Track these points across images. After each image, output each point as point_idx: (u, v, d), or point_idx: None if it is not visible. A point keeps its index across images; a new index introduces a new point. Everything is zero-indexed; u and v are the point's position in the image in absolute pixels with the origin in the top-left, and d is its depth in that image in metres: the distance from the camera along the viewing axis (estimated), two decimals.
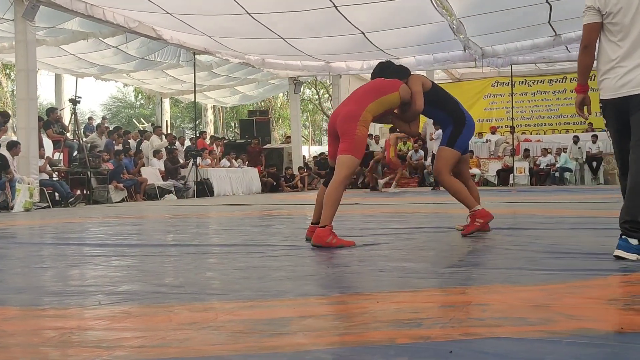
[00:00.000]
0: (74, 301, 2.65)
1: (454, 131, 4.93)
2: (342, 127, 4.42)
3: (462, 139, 4.96)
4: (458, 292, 2.67)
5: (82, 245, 5.10)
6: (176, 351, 1.84)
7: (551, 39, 15.58)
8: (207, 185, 16.19)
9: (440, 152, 4.99)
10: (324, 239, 4.28)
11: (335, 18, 12.75)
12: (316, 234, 4.33)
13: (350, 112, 4.44)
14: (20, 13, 11.40)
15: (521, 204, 9.30)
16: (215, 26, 13.93)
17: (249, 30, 13.81)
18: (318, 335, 1.99)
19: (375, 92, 4.55)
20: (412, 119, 4.89)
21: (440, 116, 5.04)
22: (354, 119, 4.39)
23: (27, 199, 10.85)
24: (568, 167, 19.63)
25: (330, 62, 17.34)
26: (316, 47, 15.49)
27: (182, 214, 8.95)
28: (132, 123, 35.01)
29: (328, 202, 4.33)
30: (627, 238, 3.44)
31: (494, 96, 25.61)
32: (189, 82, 19.87)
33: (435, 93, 4.97)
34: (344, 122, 4.42)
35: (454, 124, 4.95)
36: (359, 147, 4.40)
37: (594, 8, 3.59)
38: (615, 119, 3.62)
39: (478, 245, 4.34)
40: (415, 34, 14.41)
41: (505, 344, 1.83)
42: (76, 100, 13.67)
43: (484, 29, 14.68)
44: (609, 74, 3.58)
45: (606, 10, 3.55)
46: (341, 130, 4.42)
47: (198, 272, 3.39)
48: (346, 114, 4.44)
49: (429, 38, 14.78)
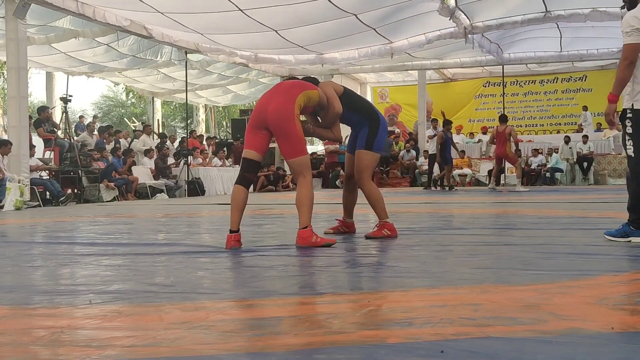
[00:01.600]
0: (64, 300, 2.64)
1: (370, 133, 4.89)
2: (281, 127, 4.36)
3: (379, 140, 4.92)
4: (449, 291, 2.67)
5: (72, 244, 5.09)
6: (167, 350, 1.84)
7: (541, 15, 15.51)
8: (198, 185, 16.16)
9: (360, 155, 4.89)
10: (308, 240, 4.30)
11: (325, 6, 12.68)
12: (299, 236, 4.35)
13: (283, 108, 4.36)
14: (11, 11, 11.34)
15: (512, 204, 9.33)
16: (206, 23, 13.87)
17: (241, 25, 13.74)
18: (309, 334, 1.99)
19: (299, 87, 4.53)
20: (332, 123, 4.84)
21: (355, 119, 4.95)
22: (289, 118, 4.34)
23: (17, 198, 10.80)
24: (559, 167, 19.69)
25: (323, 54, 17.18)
26: (308, 37, 15.30)
27: (174, 213, 8.94)
28: (123, 122, 34.90)
29: (305, 204, 4.35)
30: None
31: (486, 96, 25.67)
32: (180, 80, 19.82)
33: (348, 96, 4.93)
34: (280, 120, 4.35)
35: (370, 126, 4.90)
36: (303, 144, 4.46)
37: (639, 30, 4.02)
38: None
39: (469, 245, 4.35)
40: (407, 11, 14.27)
41: (496, 343, 1.83)
42: (67, 98, 13.62)
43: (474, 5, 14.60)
44: None
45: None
46: (278, 130, 4.38)
47: (189, 272, 3.39)
48: (279, 110, 4.36)
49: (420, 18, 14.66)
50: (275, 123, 4.37)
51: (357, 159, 4.91)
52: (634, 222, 4.21)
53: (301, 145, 4.44)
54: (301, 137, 4.44)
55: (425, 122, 22.68)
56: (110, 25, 13.58)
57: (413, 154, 21.58)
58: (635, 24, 4.02)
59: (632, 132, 4.13)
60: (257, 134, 4.47)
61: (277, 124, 4.36)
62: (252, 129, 4.49)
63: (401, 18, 14.66)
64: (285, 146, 4.42)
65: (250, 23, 13.57)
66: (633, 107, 4.13)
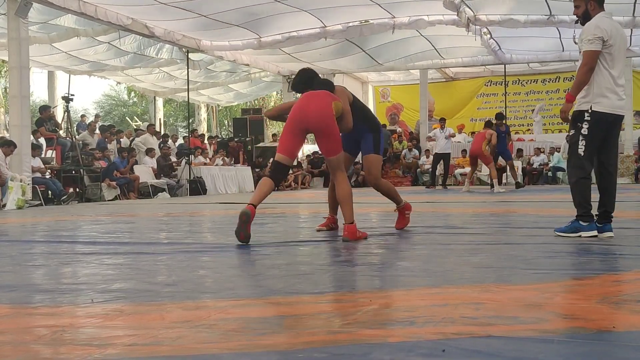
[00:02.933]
0: (66, 299, 2.64)
1: (375, 139, 5.21)
2: (324, 126, 4.66)
3: (382, 143, 5.31)
4: (451, 290, 2.67)
5: (74, 243, 5.09)
6: (168, 349, 1.84)
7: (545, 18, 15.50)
8: (200, 184, 16.16)
9: (371, 158, 5.25)
10: (356, 234, 4.60)
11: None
12: (347, 230, 4.60)
13: (325, 109, 4.67)
14: (13, 10, 11.35)
15: (514, 204, 9.32)
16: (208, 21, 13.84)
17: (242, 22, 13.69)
18: (311, 333, 1.99)
19: (331, 97, 4.80)
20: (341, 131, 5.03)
21: (360, 125, 5.17)
22: (331, 117, 4.67)
23: (19, 197, 10.81)
24: (561, 166, 19.68)
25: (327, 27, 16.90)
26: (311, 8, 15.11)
27: (175, 212, 8.94)
28: (125, 121, 34.90)
29: (347, 201, 4.68)
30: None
31: (487, 95, 25.65)
32: (182, 79, 19.82)
33: (356, 105, 5.17)
34: (323, 119, 4.65)
35: (374, 132, 5.22)
36: (341, 143, 4.78)
37: (602, 38, 4.36)
38: (604, 130, 4.42)
39: (471, 244, 4.35)
40: None
41: (498, 342, 1.83)
42: (69, 97, 13.62)
43: None
44: (609, 92, 4.40)
45: (608, 42, 4.37)
46: (322, 129, 4.67)
47: (191, 271, 3.39)
48: (321, 110, 4.66)
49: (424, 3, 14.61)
50: (319, 122, 4.66)
51: (369, 162, 5.25)
52: (583, 217, 4.51)
53: (340, 144, 4.76)
54: (339, 137, 4.76)
55: (426, 121, 22.66)
56: (112, 24, 13.59)
57: (415, 153, 21.58)
58: (597, 33, 4.38)
59: (587, 133, 4.42)
60: (294, 138, 4.77)
61: (320, 123, 4.66)
62: (289, 134, 4.77)
63: None
64: (327, 144, 4.73)
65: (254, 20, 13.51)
66: (591, 109, 4.42)
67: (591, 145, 4.45)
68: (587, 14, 4.57)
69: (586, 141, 4.44)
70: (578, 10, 4.64)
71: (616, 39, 4.44)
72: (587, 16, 4.58)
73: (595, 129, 4.42)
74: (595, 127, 4.42)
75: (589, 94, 4.44)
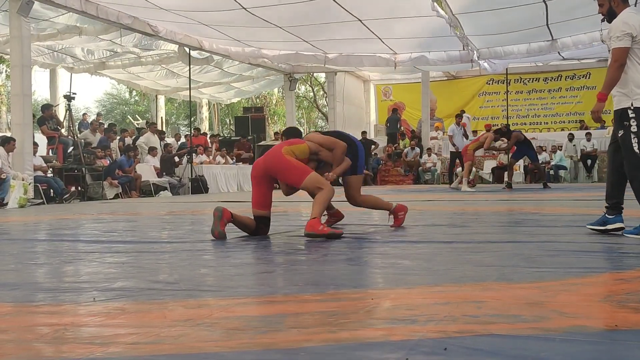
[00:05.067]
0: (68, 297, 2.64)
1: (352, 160, 5.32)
2: (273, 167, 4.83)
3: (361, 161, 5.48)
4: (452, 289, 2.67)
5: (76, 241, 5.09)
6: (170, 348, 1.84)
7: (548, 44, 15.69)
8: (201, 182, 16.17)
9: (349, 181, 5.45)
10: (316, 227, 4.58)
11: (330, 8, 12.69)
12: (309, 224, 4.62)
13: (270, 155, 4.87)
14: (15, 9, 11.36)
15: (516, 202, 9.32)
16: (210, 19, 13.86)
17: (245, 21, 13.73)
18: (313, 332, 1.99)
19: (287, 143, 5.01)
20: (342, 159, 5.19)
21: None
22: (278, 156, 4.81)
23: (21, 195, 10.82)
24: (563, 165, 19.68)
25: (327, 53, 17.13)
26: (313, 34, 15.32)
27: (177, 210, 8.94)
28: (127, 119, 34.92)
29: (319, 201, 4.71)
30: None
31: (490, 94, 25.65)
32: (183, 77, 19.81)
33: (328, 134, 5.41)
34: (269, 162, 4.84)
35: (351, 152, 5.31)
36: (303, 167, 4.82)
37: (631, 34, 4.33)
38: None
39: (472, 242, 4.35)
40: (413, 25, 14.36)
41: (499, 341, 1.83)
42: (71, 96, 13.64)
43: (481, 29, 14.70)
44: None
45: (638, 37, 4.32)
46: (274, 170, 4.84)
47: (193, 269, 3.39)
48: (267, 158, 4.89)
49: (428, 33, 14.74)
50: (269, 166, 4.84)
51: (348, 185, 5.47)
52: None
53: (302, 169, 4.80)
54: (297, 164, 4.80)
55: (428, 119, 22.65)
56: (114, 22, 13.60)
57: (417, 151, 21.58)
58: (626, 29, 4.34)
59: (637, 130, 4.32)
60: (258, 189, 4.93)
61: (271, 165, 4.83)
62: (254, 184, 4.95)
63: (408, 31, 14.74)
64: (289, 178, 4.85)
65: (253, 19, 13.55)
66: (633, 106, 4.35)
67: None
68: (612, 11, 4.52)
69: (638, 137, 4.35)
70: (603, 9, 4.59)
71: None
72: (612, 13, 4.52)
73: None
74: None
75: (628, 91, 4.39)
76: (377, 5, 12.83)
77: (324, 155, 5.11)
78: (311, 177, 4.75)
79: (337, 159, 5.15)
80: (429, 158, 21.26)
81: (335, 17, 13.39)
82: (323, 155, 5.12)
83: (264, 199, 4.91)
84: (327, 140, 5.16)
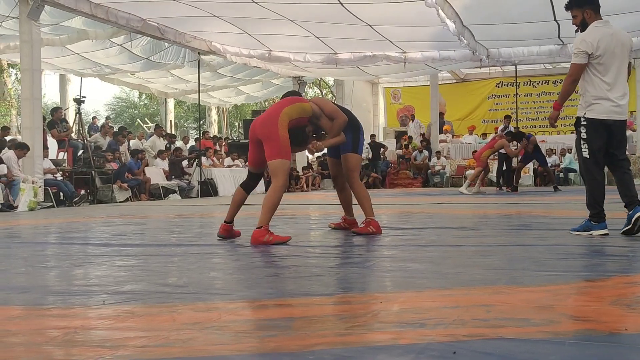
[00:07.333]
0: (77, 301, 2.65)
1: (354, 138, 5.27)
2: (263, 132, 4.75)
3: (361, 143, 5.38)
4: (462, 292, 2.66)
5: (86, 244, 5.11)
6: (179, 351, 1.84)
7: (558, 48, 15.69)
8: (210, 185, 16.20)
9: (348, 157, 5.30)
10: (260, 239, 4.55)
11: (340, 12, 12.70)
12: (253, 235, 4.59)
13: (268, 116, 4.78)
14: (25, 13, 11.42)
15: (525, 205, 9.29)
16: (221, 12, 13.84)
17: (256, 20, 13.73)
18: (321, 335, 1.99)
19: (289, 102, 4.93)
20: (339, 132, 5.13)
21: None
22: (273, 122, 4.72)
23: (31, 199, 10.87)
24: (572, 167, 19.59)
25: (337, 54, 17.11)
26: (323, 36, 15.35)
27: (186, 213, 8.96)
28: (136, 123, 35.02)
29: (267, 205, 4.64)
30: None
31: (499, 97, 25.58)
32: (193, 82, 19.85)
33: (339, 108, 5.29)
34: (263, 126, 4.76)
35: (353, 132, 5.27)
36: (286, 149, 4.73)
37: (586, 52, 4.57)
38: (602, 133, 4.63)
39: (481, 246, 4.34)
40: (422, 32, 14.41)
41: (509, 344, 1.83)
42: (80, 100, 13.69)
43: (491, 37, 14.78)
44: (601, 100, 4.61)
45: (595, 54, 4.56)
46: (263, 135, 4.76)
47: (201, 272, 3.40)
48: (264, 119, 4.80)
49: (436, 37, 14.79)
50: (260, 131, 4.76)
51: (346, 161, 5.31)
52: (594, 217, 4.72)
53: (284, 150, 4.73)
54: (285, 142, 4.72)
55: (437, 122, 22.58)
56: (123, 26, 13.64)
57: (426, 154, 21.54)
58: (582, 47, 4.59)
59: (586, 137, 4.68)
60: (253, 150, 4.95)
61: (262, 130, 4.75)
62: (250, 145, 4.99)
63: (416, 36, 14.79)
64: (267, 149, 4.74)
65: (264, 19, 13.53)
66: (585, 116, 4.69)
67: (593, 148, 4.66)
68: (585, 23, 4.73)
69: (587, 144, 4.69)
70: (576, 20, 4.80)
71: (609, 47, 4.58)
72: (585, 24, 4.73)
73: (593, 133, 4.65)
74: (592, 131, 4.65)
75: (583, 102, 4.72)
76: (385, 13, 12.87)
77: (323, 122, 5.06)
78: (282, 162, 4.69)
79: (334, 130, 5.07)
80: (437, 161, 21.22)
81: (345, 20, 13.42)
82: (323, 123, 5.06)
83: (258, 157, 4.92)
84: (331, 108, 5.09)
